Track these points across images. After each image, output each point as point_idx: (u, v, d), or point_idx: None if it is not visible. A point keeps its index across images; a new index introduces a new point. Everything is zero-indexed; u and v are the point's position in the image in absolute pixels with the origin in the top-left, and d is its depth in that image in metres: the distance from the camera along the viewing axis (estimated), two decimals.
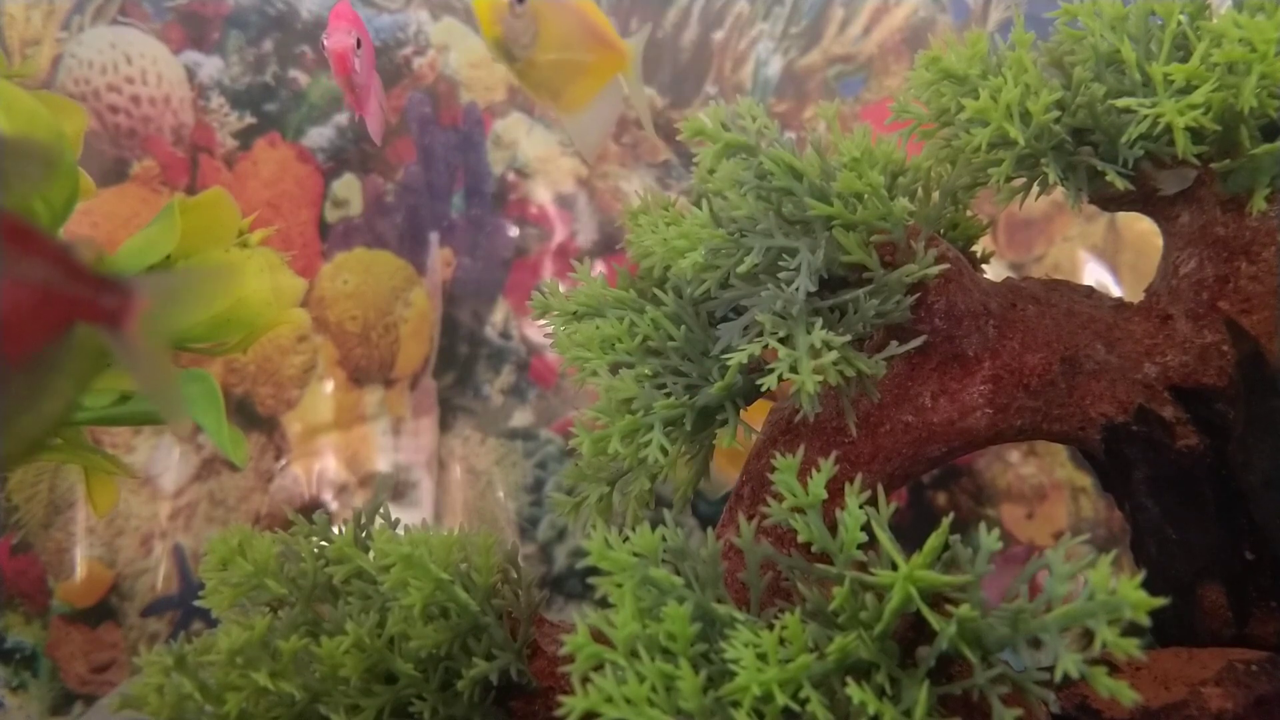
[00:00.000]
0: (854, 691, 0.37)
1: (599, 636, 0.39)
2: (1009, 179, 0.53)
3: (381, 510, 0.54)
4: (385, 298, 0.96)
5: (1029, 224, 0.99)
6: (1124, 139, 0.51)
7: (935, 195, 0.54)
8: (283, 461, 0.93)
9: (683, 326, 0.51)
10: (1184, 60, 0.50)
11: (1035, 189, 0.55)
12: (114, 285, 0.33)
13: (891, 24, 1.01)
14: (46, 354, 0.32)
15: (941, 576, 0.38)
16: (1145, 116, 0.50)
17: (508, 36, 0.58)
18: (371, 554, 0.51)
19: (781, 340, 0.47)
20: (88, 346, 0.33)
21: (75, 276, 0.33)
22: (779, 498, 0.44)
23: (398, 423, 0.95)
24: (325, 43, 0.62)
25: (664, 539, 0.42)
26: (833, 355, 0.46)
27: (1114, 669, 0.41)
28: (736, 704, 0.37)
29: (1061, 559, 0.37)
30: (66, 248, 0.33)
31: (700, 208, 0.51)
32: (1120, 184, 0.51)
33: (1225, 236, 0.54)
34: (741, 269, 0.48)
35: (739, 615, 0.40)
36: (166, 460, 0.91)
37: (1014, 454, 0.96)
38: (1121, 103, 0.51)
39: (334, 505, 0.93)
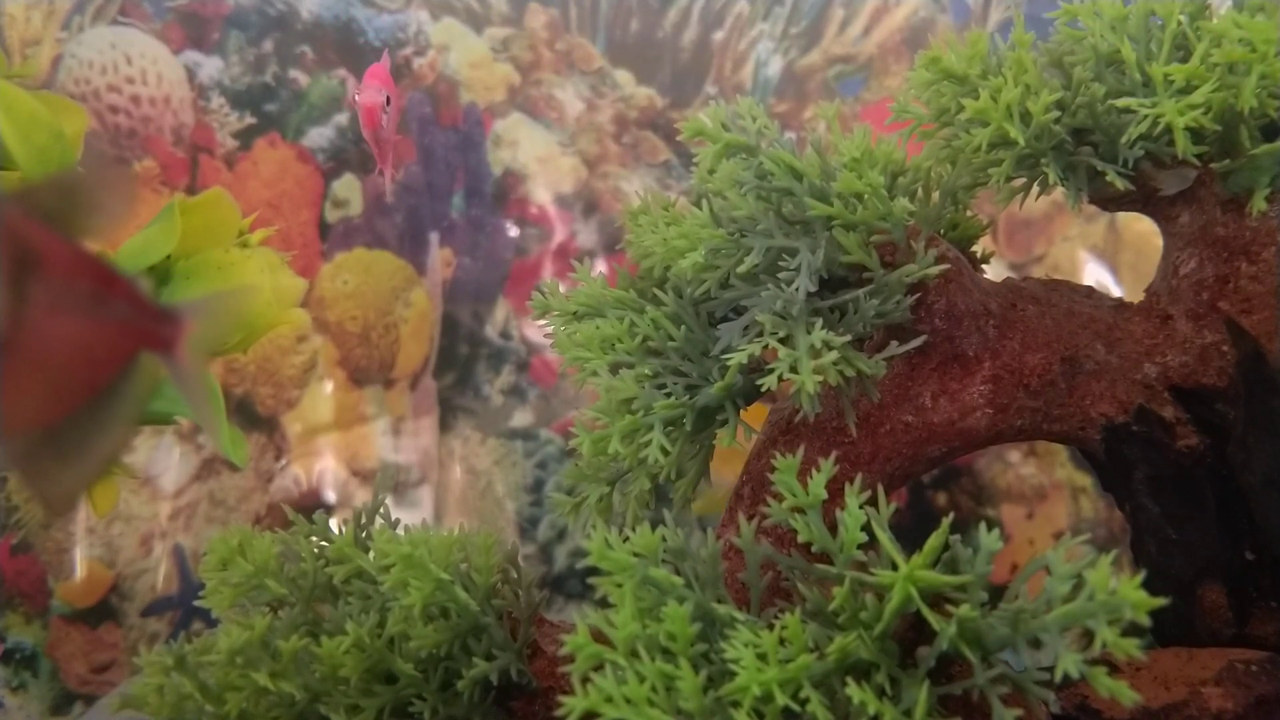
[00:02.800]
0: (854, 691, 0.37)
1: (599, 636, 0.39)
2: (1009, 179, 0.53)
3: (381, 510, 0.54)
4: (385, 298, 0.96)
5: (1029, 224, 0.99)
6: (1124, 139, 0.51)
7: (935, 195, 0.54)
8: (283, 461, 0.93)
9: (683, 326, 0.51)
10: (1184, 60, 0.50)
11: (1035, 189, 0.55)
12: (168, 314, 0.36)
13: (891, 24, 1.01)
14: (118, 382, 0.35)
15: (942, 576, 0.38)
16: (1145, 116, 0.50)
17: None
18: (371, 554, 0.51)
19: (781, 340, 0.47)
20: (145, 372, 0.36)
21: (140, 309, 0.35)
22: (779, 498, 0.44)
23: (398, 423, 0.95)
24: (357, 98, 0.64)
25: (664, 539, 0.42)
26: (833, 355, 0.46)
27: (1114, 669, 0.41)
28: (736, 704, 0.37)
29: (1061, 559, 0.37)
30: (133, 282, 0.35)
31: (700, 208, 0.51)
32: (1120, 184, 0.51)
33: (1225, 237, 0.54)
34: (741, 269, 0.48)
35: (739, 615, 0.40)
36: (166, 460, 0.91)
37: (1014, 454, 0.96)
38: (1121, 103, 0.51)
39: (334, 505, 0.93)
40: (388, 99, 0.65)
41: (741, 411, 0.52)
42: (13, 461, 0.33)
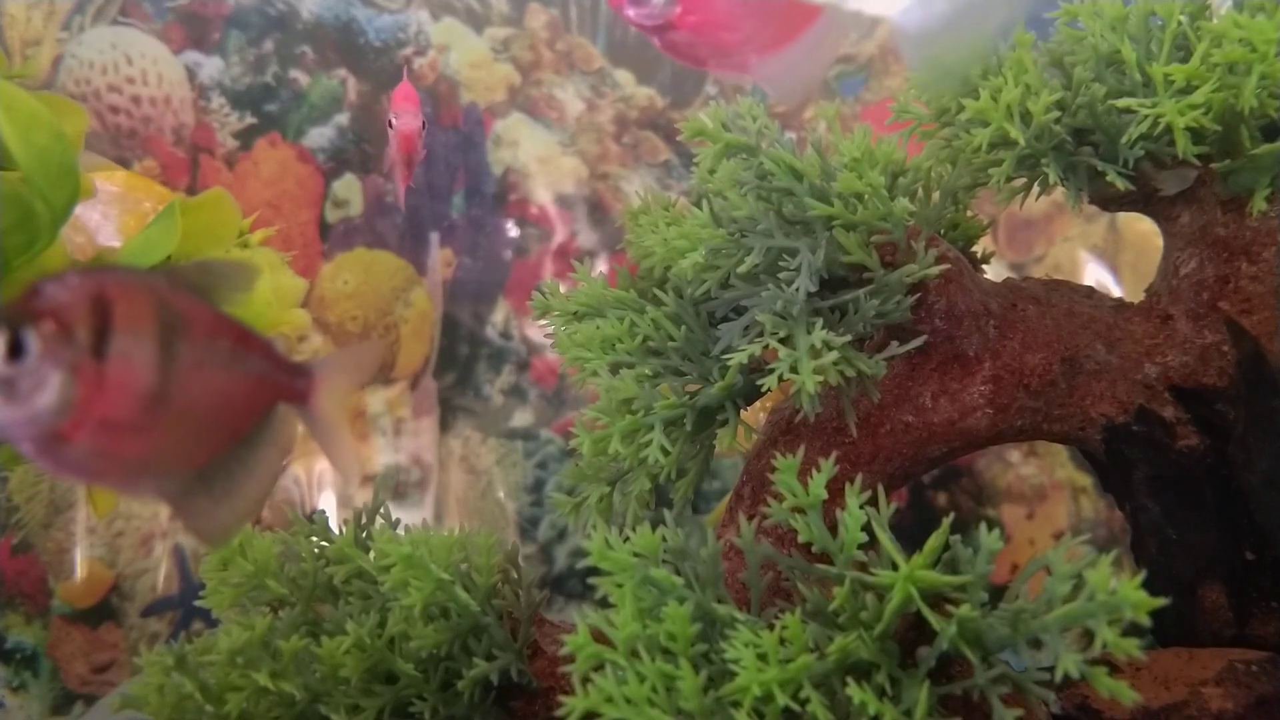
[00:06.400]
0: (854, 691, 0.37)
1: (599, 636, 0.39)
2: (1009, 179, 0.53)
3: (382, 510, 0.54)
4: (385, 298, 0.96)
5: (1029, 224, 0.99)
6: (1124, 139, 0.51)
7: (935, 195, 0.54)
8: (283, 461, 0.93)
9: (683, 326, 0.51)
10: (1184, 60, 0.50)
11: (1035, 189, 0.55)
12: (302, 368, 0.40)
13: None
14: (259, 430, 0.40)
15: (942, 576, 0.38)
16: (1146, 117, 0.50)
17: None
18: (372, 554, 0.51)
19: (782, 340, 0.47)
20: (284, 421, 0.40)
21: (276, 364, 0.39)
22: (779, 498, 0.44)
23: (398, 423, 0.95)
24: (394, 123, 0.66)
25: (664, 539, 0.42)
26: (833, 355, 0.46)
27: (1114, 669, 0.40)
28: (737, 704, 0.37)
29: (1062, 559, 0.37)
30: (270, 341, 0.39)
31: (700, 208, 0.51)
32: (1120, 184, 0.51)
33: (1225, 237, 0.54)
34: (742, 269, 0.48)
35: (739, 615, 0.40)
36: None
37: (1014, 454, 0.96)
38: (1122, 103, 0.51)
39: (334, 505, 0.93)
40: (423, 124, 0.67)
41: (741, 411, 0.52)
42: (167, 498, 0.38)
